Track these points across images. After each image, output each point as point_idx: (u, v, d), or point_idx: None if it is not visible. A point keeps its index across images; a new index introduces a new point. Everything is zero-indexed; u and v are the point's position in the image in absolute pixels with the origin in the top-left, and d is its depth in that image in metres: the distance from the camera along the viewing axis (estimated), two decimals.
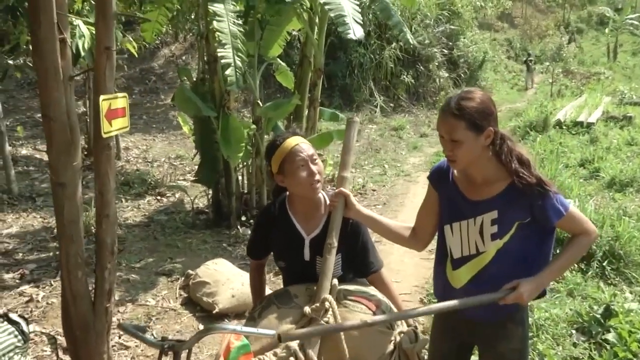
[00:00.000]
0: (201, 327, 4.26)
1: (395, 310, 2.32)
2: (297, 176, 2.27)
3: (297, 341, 2.02)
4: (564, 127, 12.26)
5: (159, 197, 7.73)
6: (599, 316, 4.08)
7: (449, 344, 2.37)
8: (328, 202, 2.38)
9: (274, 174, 2.36)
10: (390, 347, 2.18)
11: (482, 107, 1.98)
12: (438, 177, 2.26)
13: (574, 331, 4.06)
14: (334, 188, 2.37)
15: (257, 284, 2.69)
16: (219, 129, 6.09)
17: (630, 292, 4.72)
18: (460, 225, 2.15)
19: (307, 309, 2.12)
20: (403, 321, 2.29)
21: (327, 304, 2.11)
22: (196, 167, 7.40)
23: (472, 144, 1.98)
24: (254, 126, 6.37)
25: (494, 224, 2.07)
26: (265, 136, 6.59)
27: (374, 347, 2.15)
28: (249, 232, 6.30)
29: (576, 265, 5.13)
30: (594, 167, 9.04)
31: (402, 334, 2.18)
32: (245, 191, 6.87)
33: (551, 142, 10.88)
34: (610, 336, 3.83)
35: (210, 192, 6.85)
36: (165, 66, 14.60)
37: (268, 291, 2.72)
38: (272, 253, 2.56)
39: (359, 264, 2.45)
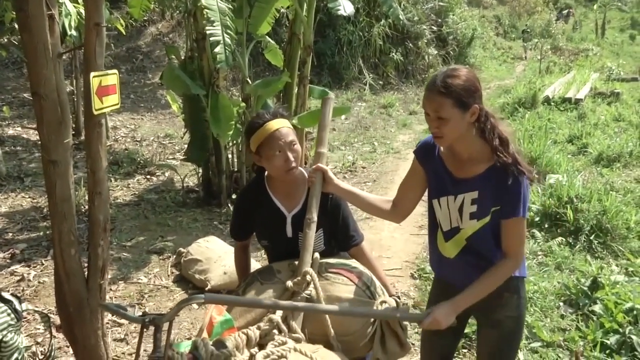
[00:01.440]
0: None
1: (377, 281, 2.36)
2: (273, 161, 2.30)
3: (280, 313, 2.06)
4: (553, 104, 12.33)
5: (148, 176, 7.71)
6: (586, 288, 4.18)
7: None
8: (306, 175, 2.43)
9: (252, 153, 2.39)
10: None
11: (468, 85, 2.01)
12: (424, 153, 2.29)
13: (561, 303, 4.16)
14: (309, 167, 2.41)
15: (242, 264, 2.73)
16: (208, 107, 6.07)
17: (617, 265, 4.82)
18: (446, 200, 2.20)
19: (289, 283, 2.16)
20: (384, 290, 2.33)
21: (308, 277, 2.14)
22: (185, 145, 7.39)
23: (458, 121, 2.01)
24: (243, 104, 6.36)
25: (474, 204, 2.11)
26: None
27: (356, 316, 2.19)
28: None
29: (564, 240, 5.22)
30: (582, 142, 9.14)
31: (384, 303, 2.21)
32: (236, 169, 6.87)
33: (540, 118, 10.95)
34: (597, 307, 3.93)
35: (200, 170, 6.85)
36: (152, 44, 14.41)
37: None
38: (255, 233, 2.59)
39: (341, 238, 2.49)
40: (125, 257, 5.14)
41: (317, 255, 2.29)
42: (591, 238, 5.21)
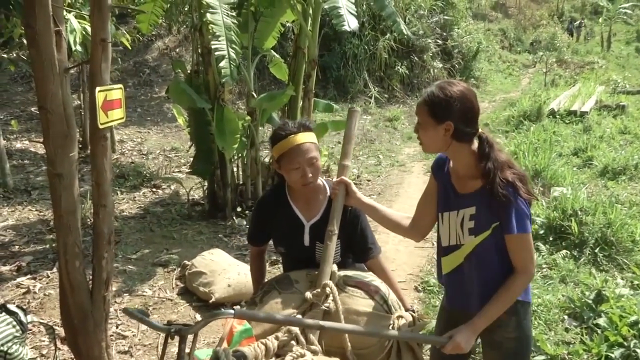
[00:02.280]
0: (198, 316, 4.32)
1: (393, 295, 2.37)
2: (291, 174, 2.34)
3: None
4: (558, 117, 12.32)
5: (154, 189, 7.76)
6: (590, 301, 4.16)
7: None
8: (328, 188, 2.45)
9: (274, 160, 2.42)
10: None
11: (447, 100, 2.05)
12: (437, 167, 2.33)
13: (566, 316, 4.14)
14: (330, 179, 2.43)
15: (257, 271, 2.75)
16: (213, 121, 6.12)
17: (622, 278, 4.80)
18: (449, 215, 2.22)
19: (308, 294, 2.17)
20: (400, 305, 2.33)
21: (327, 290, 2.16)
22: (191, 159, 7.42)
23: (431, 130, 2.10)
24: (248, 118, 6.41)
25: (472, 220, 2.14)
26: (260, 127, 6.63)
27: (370, 329, 2.19)
28: (245, 222, 6.35)
29: (568, 252, 5.21)
30: (587, 155, 9.11)
31: (401, 318, 2.23)
32: (241, 182, 6.91)
33: (545, 131, 10.93)
34: (602, 321, 3.91)
35: (206, 183, 6.88)
36: (159, 59, 14.56)
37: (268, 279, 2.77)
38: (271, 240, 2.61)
39: (358, 250, 2.52)
40: (130, 270, 5.16)
41: (335, 267, 2.31)
42: (596, 251, 5.19)
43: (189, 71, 6.86)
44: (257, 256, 2.73)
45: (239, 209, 6.58)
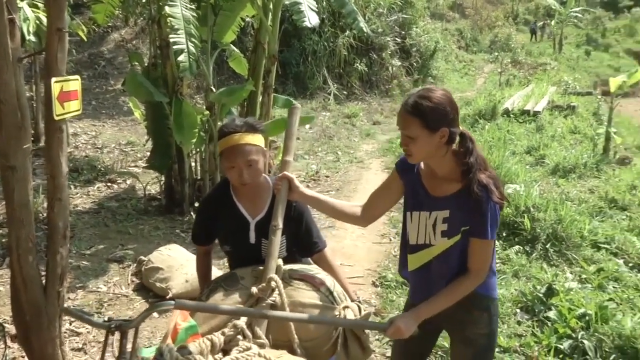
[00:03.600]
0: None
1: (339, 286, 2.39)
2: (228, 172, 2.35)
3: (245, 319, 2.07)
4: (512, 116, 12.62)
5: (109, 184, 7.60)
6: (541, 295, 4.30)
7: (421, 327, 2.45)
8: (270, 182, 2.47)
9: (220, 156, 2.42)
10: None
11: (438, 107, 2.05)
12: (404, 167, 2.33)
13: (518, 310, 4.27)
14: (273, 175, 2.44)
15: (203, 270, 2.74)
16: (171, 115, 6.04)
17: (571, 272, 4.97)
18: (419, 215, 2.25)
19: (254, 289, 2.17)
20: (347, 296, 2.37)
21: (273, 284, 2.16)
22: (148, 153, 7.32)
23: (425, 141, 2.07)
24: (207, 112, 6.34)
25: (445, 222, 2.16)
26: (219, 122, 6.56)
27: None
28: None
29: (521, 248, 5.35)
30: (540, 154, 9.39)
31: (347, 308, 2.25)
32: (199, 177, 6.84)
33: (499, 129, 11.20)
34: (552, 314, 4.05)
35: (163, 178, 6.79)
36: (115, 51, 14.24)
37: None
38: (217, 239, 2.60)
39: (304, 245, 2.53)
40: (84, 266, 5.05)
41: (280, 262, 2.31)
42: (547, 246, 5.36)
43: (146, 64, 6.76)
44: (203, 256, 2.71)
45: (196, 204, 6.51)
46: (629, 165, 9.22)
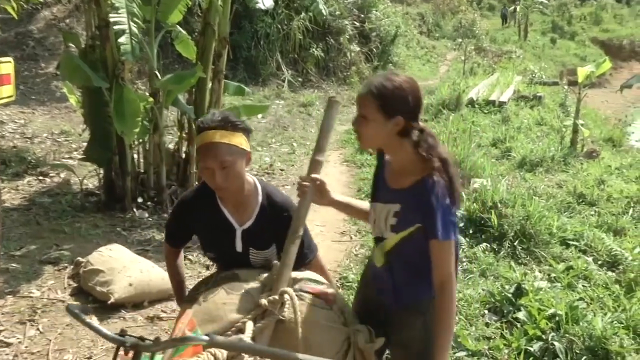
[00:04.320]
0: (94, 318, 4.16)
1: (348, 305, 2.36)
2: (202, 174, 2.29)
3: (250, 332, 2.00)
4: (477, 106, 12.88)
5: (41, 178, 7.38)
6: (510, 295, 4.40)
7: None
8: (260, 188, 2.40)
9: None
10: (345, 345, 2.20)
11: (399, 93, 2.07)
12: (380, 153, 2.36)
13: (486, 311, 4.36)
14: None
15: (177, 271, 2.70)
16: (111, 102, 5.89)
17: (540, 271, 5.10)
18: (376, 206, 2.27)
19: (263, 301, 2.08)
20: (355, 315, 2.31)
21: (286, 297, 2.09)
22: (84, 143, 7.14)
23: (378, 125, 2.08)
24: (151, 99, 6.22)
25: (395, 216, 2.18)
26: (165, 111, 6.46)
27: (328, 344, 2.16)
28: (147, 215, 6.20)
29: (488, 246, 5.46)
30: (506, 146, 9.61)
31: (357, 332, 2.22)
32: (142, 170, 6.71)
33: (464, 121, 11.39)
34: (521, 314, 4.14)
35: (102, 171, 6.63)
36: (46, 30, 13.81)
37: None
38: (199, 242, 2.56)
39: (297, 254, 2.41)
40: (14, 268, 4.90)
41: (294, 274, 2.25)
42: (515, 244, 5.48)
43: (83, 45, 6.58)
44: (174, 254, 2.67)
45: (139, 200, 6.39)
46: (596, 158, 9.53)
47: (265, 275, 2.24)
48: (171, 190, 6.58)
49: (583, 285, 4.80)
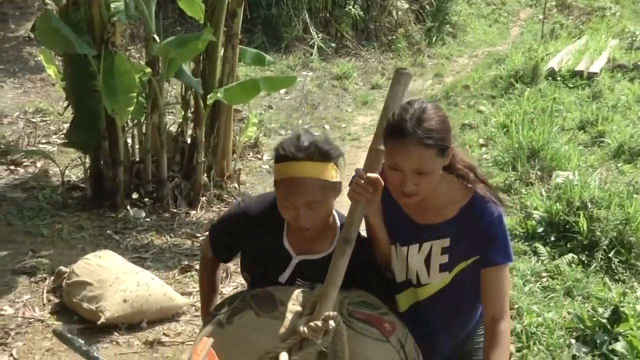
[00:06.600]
0: (82, 341, 4.24)
1: (410, 336, 2.36)
2: (282, 211, 2.25)
3: None
4: (559, 79, 12.67)
5: (12, 167, 7.53)
6: (604, 321, 4.32)
7: None
8: (339, 222, 2.38)
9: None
10: None
11: (445, 125, 2.11)
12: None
13: (573, 340, 4.30)
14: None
15: (210, 282, 2.74)
16: (100, 73, 5.98)
17: None
18: (404, 250, 2.32)
19: (302, 328, 2.06)
20: (419, 351, 2.30)
21: (331, 323, 2.05)
22: (66, 125, 7.25)
23: (437, 171, 2.12)
24: (149, 70, 6.28)
25: (445, 253, 2.23)
26: (166, 84, 6.52)
27: None
28: (143, 214, 6.28)
29: (575, 257, 5.39)
30: (597, 130, 9.44)
31: None
32: (137, 159, 6.80)
33: (542, 97, 11.22)
34: (619, 346, 4.07)
35: (88, 160, 6.73)
36: None
37: None
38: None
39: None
40: None
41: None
42: (610, 255, 5.40)
43: (64, 2, 6.67)
44: (216, 265, 2.71)
45: (134, 196, 6.49)
46: None
47: (307, 291, 2.24)
48: (173, 183, 6.65)
49: None
